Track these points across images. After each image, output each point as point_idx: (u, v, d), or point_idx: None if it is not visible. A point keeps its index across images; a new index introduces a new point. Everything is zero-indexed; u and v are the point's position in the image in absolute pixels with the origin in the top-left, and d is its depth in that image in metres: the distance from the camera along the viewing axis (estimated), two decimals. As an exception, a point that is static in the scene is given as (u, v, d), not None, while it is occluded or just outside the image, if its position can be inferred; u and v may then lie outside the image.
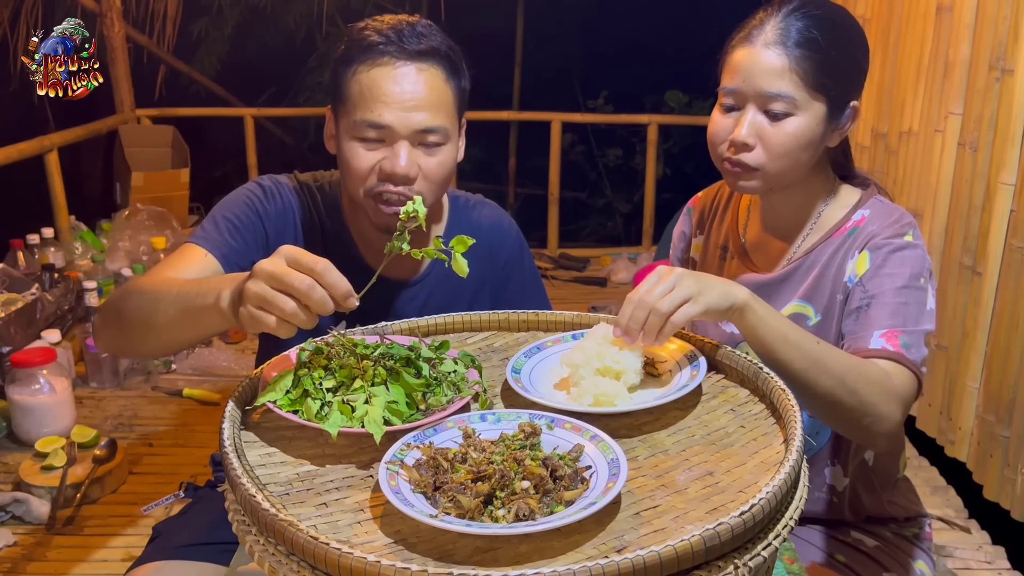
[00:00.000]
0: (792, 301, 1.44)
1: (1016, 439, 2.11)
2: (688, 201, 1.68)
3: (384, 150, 1.34)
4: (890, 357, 1.27)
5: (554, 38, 7.11)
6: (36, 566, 2.24)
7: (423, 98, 1.33)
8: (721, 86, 1.39)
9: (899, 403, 1.24)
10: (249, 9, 6.63)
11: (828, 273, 1.41)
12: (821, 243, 1.43)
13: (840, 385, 1.19)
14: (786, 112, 1.33)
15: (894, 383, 1.24)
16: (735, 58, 1.37)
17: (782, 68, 1.32)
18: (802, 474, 0.92)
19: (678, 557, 0.74)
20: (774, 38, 1.33)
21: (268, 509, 0.82)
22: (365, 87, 1.33)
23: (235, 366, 3.42)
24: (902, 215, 1.40)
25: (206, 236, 1.38)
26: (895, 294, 1.32)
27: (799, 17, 1.33)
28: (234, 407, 1.02)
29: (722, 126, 1.40)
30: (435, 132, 1.34)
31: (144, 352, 1.31)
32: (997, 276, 2.19)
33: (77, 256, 3.89)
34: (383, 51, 1.33)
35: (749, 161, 1.36)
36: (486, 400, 1.08)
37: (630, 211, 7.13)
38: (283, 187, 1.48)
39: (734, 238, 1.55)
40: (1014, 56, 2.10)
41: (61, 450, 2.55)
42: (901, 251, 1.34)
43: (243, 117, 5.08)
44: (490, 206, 1.61)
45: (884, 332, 1.29)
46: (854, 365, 1.22)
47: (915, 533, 1.56)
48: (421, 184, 1.36)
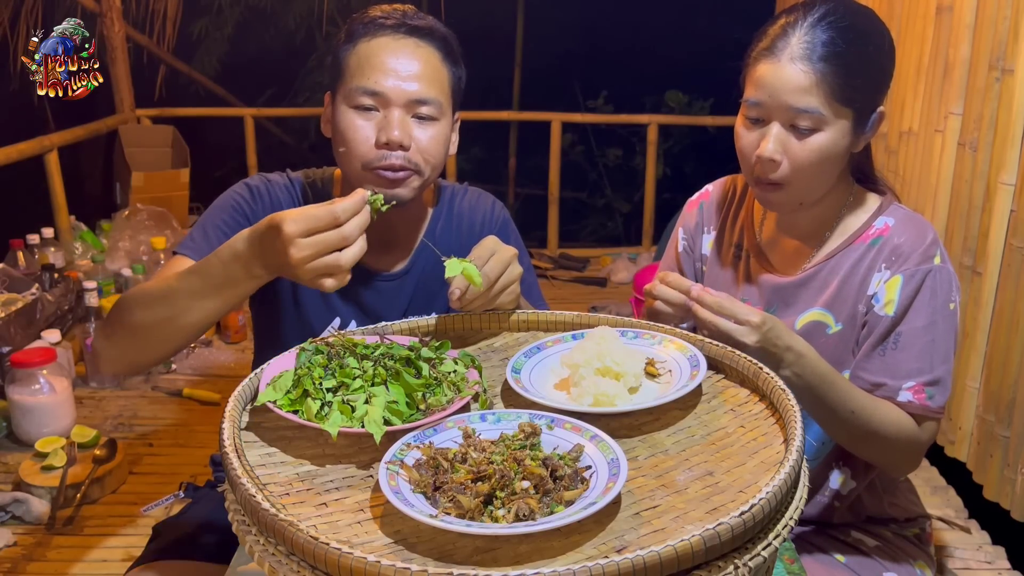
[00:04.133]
0: (812, 308, 1.43)
1: (1016, 439, 2.11)
2: (697, 194, 1.65)
3: (378, 120, 1.36)
4: (915, 412, 1.36)
5: (554, 38, 7.11)
6: (36, 566, 2.23)
7: (419, 70, 1.36)
8: (745, 98, 1.36)
9: (921, 453, 1.39)
10: (249, 9, 6.64)
11: (851, 282, 1.40)
12: (842, 249, 1.42)
13: (870, 441, 1.36)
14: (813, 127, 1.30)
15: (920, 438, 1.36)
16: (759, 71, 1.33)
17: (809, 84, 1.28)
18: (802, 474, 0.92)
19: (678, 557, 0.74)
20: (800, 52, 1.29)
21: (268, 509, 0.82)
22: (363, 57, 1.36)
23: (235, 366, 3.42)
24: (927, 230, 1.38)
25: (194, 246, 1.39)
26: (924, 333, 1.35)
27: (824, 28, 1.29)
28: (234, 407, 1.02)
29: (748, 141, 1.37)
30: (428, 104, 1.37)
31: (162, 354, 1.29)
32: (997, 276, 2.18)
33: (77, 256, 3.89)
34: (383, 24, 1.38)
35: (776, 177, 1.34)
36: (486, 400, 1.08)
37: (630, 211, 7.13)
38: (273, 185, 1.49)
39: (749, 236, 1.53)
40: (1014, 56, 2.10)
41: (61, 450, 2.55)
42: (932, 277, 1.35)
43: (243, 117, 5.09)
44: (475, 192, 1.63)
45: (912, 386, 1.35)
46: (883, 428, 1.34)
47: (916, 533, 1.56)
48: (416, 155, 1.37)
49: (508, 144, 7.03)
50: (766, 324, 1.25)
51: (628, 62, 7.18)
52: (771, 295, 1.47)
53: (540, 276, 1.65)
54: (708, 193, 1.62)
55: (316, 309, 1.47)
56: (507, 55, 6.93)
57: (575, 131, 7.04)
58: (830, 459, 1.49)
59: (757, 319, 1.24)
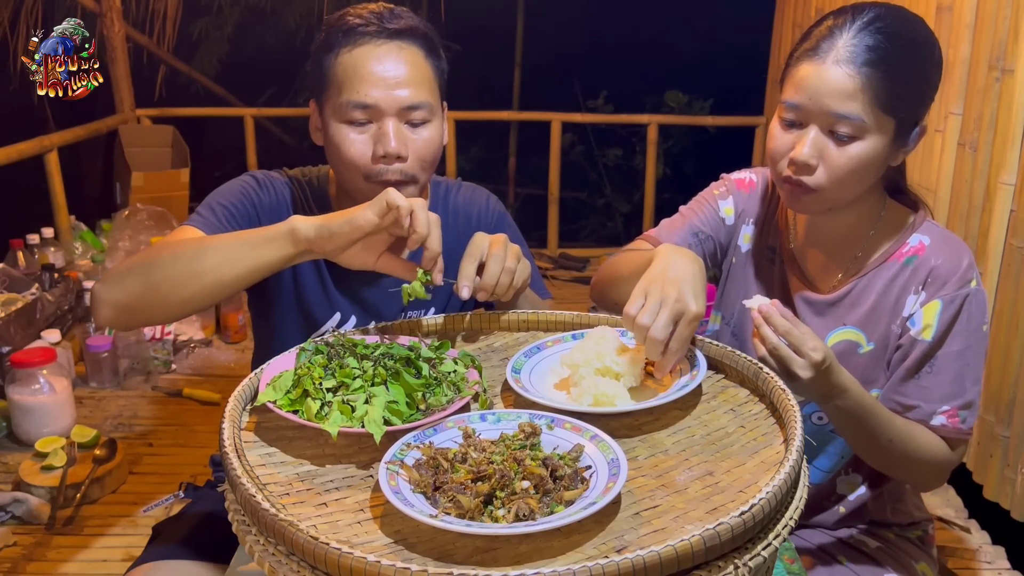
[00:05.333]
0: (844, 327, 1.40)
1: (1016, 439, 2.11)
2: (743, 173, 1.55)
3: (372, 132, 1.36)
4: (949, 436, 1.35)
5: (554, 38, 7.10)
6: (36, 566, 2.23)
7: (406, 75, 1.36)
8: (783, 99, 1.30)
9: (949, 471, 1.40)
10: (249, 9, 6.63)
11: (885, 302, 1.37)
12: (875, 267, 1.39)
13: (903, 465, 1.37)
14: (853, 135, 1.25)
15: (951, 459, 1.37)
16: (801, 72, 1.27)
17: (853, 89, 1.23)
18: (802, 474, 0.92)
19: (678, 557, 0.74)
20: (846, 55, 1.23)
21: (268, 509, 0.82)
22: (348, 68, 1.35)
23: (235, 366, 3.41)
24: (963, 252, 1.35)
25: (203, 220, 1.38)
26: (959, 357, 1.34)
27: (873, 32, 1.24)
28: (234, 407, 1.02)
29: (783, 142, 1.31)
30: (420, 108, 1.37)
31: (175, 312, 1.25)
32: (997, 276, 2.18)
33: (77, 256, 3.89)
34: (363, 32, 1.36)
35: (809, 182, 1.28)
36: (486, 400, 1.08)
37: (630, 211, 7.12)
38: (275, 181, 1.50)
39: (784, 241, 1.49)
40: (1014, 56, 2.09)
41: (61, 450, 2.55)
42: (969, 303, 1.33)
43: (243, 117, 5.08)
44: (470, 187, 1.62)
45: (946, 410, 1.34)
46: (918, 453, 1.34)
47: (919, 535, 1.55)
48: (413, 163, 1.37)
49: (508, 144, 7.03)
50: (825, 363, 1.20)
51: (628, 62, 7.17)
52: (803, 309, 1.44)
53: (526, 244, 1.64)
54: (754, 182, 1.54)
55: (317, 304, 1.47)
56: (507, 55, 6.93)
57: (575, 131, 7.03)
58: (847, 467, 1.48)
59: (819, 356, 1.18)
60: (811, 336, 1.20)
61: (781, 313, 1.21)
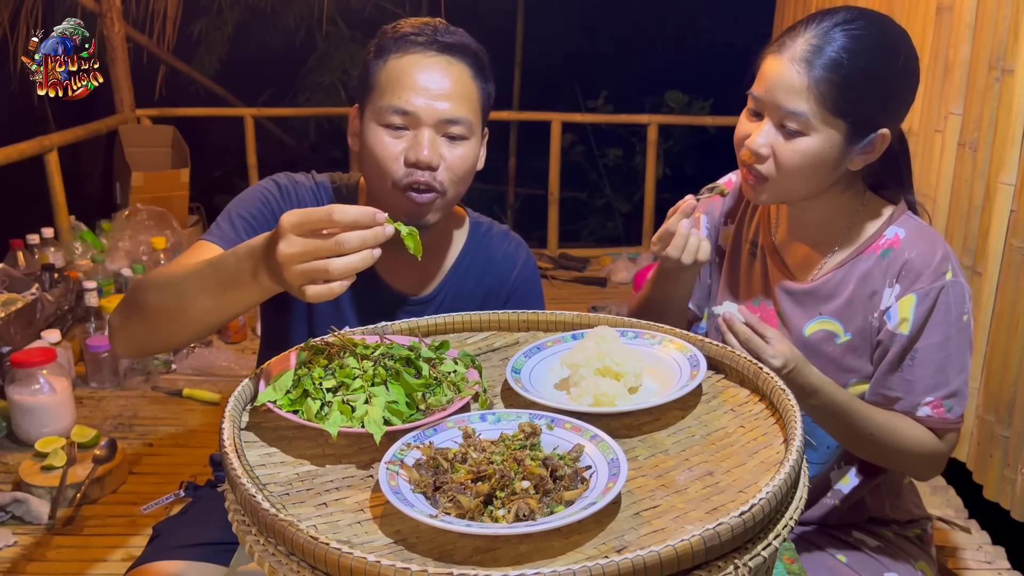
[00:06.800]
0: (821, 316, 1.42)
1: (1016, 439, 2.11)
2: (724, 178, 1.58)
3: (408, 139, 1.35)
4: (935, 427, 1.38)
5: (554, 38, 7.11)
6: (36, 566, 2.24)
7: (450, 89, 1.35)
8: (750, 89, 1.35)
9: (944, 461, 1.42)
10: (249, 9, 6.63)
11: (861, 294, 1.39)
12: (852, 259, 1.41)
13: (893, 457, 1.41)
14: (799, 130, 1.29)
15: (942, 449, 1.40)
16: (765, 66, 1.33)
17: (800, 87, 1.27)
18: (802, 474, 0.92)
19: (678, 557, 0.74)
20: (802, 54, 1.27)
21: (268, 509, 0.82)
22: (394, 74, 1.35)
23: (235, 366, 3.41)
24: (937, 244, 1.37)
25: (221, 234, 1.37)
26: (939, 349, 1.35)
27: (834, 34, 1.27)
28: (234, 407, 1.02)
29: (743, 130, 1.37)
30: (459, 123, 1.35)
31: (173, 342, 1.27)
32: (997, 276, 2.18)
33: (77, 256, 3.89)
34: (414, 41, 1.36)
35: (761, 170, 1.34)
36: (486, 400, 1.08)
37: (630, 211, 7.12)
38: (299, 186, 1.47)
39: (765, 235, 1.52)
40: (1014, 56, 2.09)
41: (61, 450, 2.55)
42: (945, 294, 1.34)
43: (243, 117, 5.08)
44: (514, 240, 1.59)
45: (930, 401, 1.36)
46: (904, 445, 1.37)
47: (917, 534, 1.55)
48: (443, 175, 1.36)
49: (508, 144, 7.03)
50: (786, 369, 1.28)
51: (628, 62, 7.18)
52: (783, 298, 1.47)
53: (540, 276, 1.63)
54: (731, 183, 1.58)
55: (329, 322, 1.44)
56: (507, 55, 6.92)
57: (575, 131, 7.03)
58: (839, 460, 1.49)
59: (778, 363, 1.27)
60: (777, 340, 1.28)
61: (746, 319, 1.29)
